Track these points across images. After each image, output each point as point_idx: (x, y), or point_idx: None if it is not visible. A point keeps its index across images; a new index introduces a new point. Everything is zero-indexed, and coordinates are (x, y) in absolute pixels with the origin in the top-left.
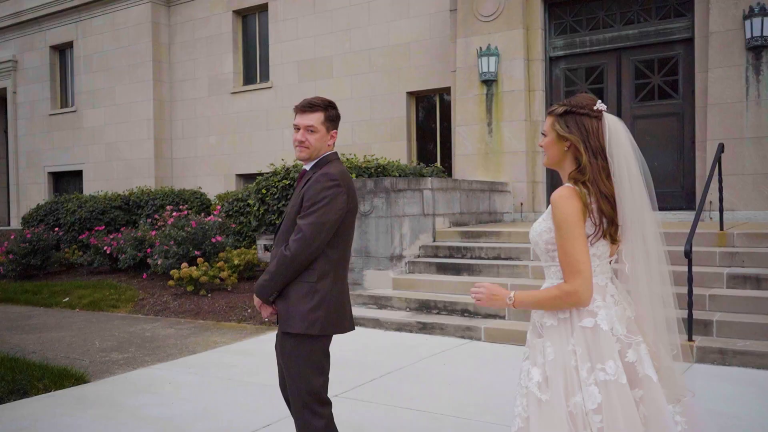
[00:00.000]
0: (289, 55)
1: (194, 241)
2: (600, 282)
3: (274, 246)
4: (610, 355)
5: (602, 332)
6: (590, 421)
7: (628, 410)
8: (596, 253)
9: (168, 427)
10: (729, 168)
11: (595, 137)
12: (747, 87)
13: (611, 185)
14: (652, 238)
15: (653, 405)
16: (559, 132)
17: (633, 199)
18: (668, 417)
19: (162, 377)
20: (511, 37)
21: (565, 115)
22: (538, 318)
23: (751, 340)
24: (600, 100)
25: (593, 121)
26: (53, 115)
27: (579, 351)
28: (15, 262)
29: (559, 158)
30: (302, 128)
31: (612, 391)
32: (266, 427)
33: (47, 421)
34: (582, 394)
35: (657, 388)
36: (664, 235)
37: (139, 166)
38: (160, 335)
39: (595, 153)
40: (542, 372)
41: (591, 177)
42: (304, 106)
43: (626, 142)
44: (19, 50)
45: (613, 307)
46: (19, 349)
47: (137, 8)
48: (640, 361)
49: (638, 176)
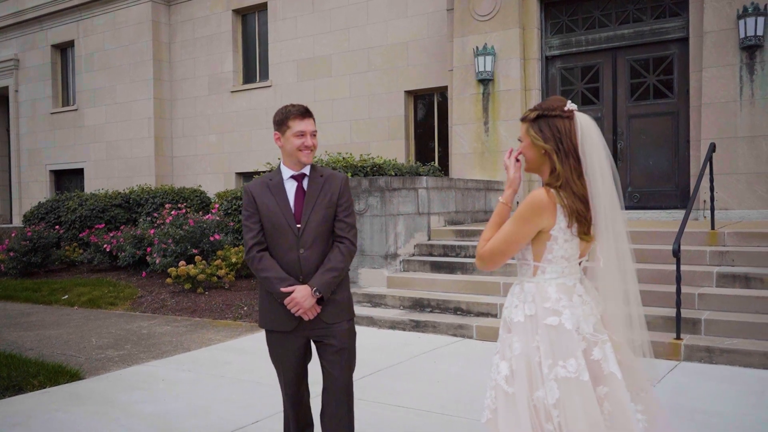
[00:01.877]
0: (288, 54)
1: (192, 240)
2: (568, 282)
3: (304, 247)
4: (572, 353)
5: (566, 331)
6: (552, 415)
7: (589, 407)
8: (565, 255)
9: (159, 423)
10: (723, 167)
11: (567, 138)
12: (741, 86)
13: (583, 185)
14: (622, 236)
15: (617, 401)
16: (534, 139)
17: (605, 196)
18: (631, 413)
19: (156, 374)
20: (508, 37)
21: (538, 119)
22: (507, 314)
23: (739, 338)
24: (570, 101)
25: (565, 121)
26: (55, 114)
27: (543, 347)
28: (16, 260)
29: (537, 163)
30: (309, 134)
31: (572, 387)
32: (255, 424)
33: (40, 417)
34: (544, 389)
35: (621, 385)
36: (657, 234)
37: (139, 164)
38: (156, 332)
39: (568, 154)
40: (510, 366)
41: (564, 180)
42: (304, 111)
43: (598, 140)
44: (20, 49)
45: (580, 307)
46: (17, 346)
47: (137, 7)
48: (605, 359)
49: (609, 174)
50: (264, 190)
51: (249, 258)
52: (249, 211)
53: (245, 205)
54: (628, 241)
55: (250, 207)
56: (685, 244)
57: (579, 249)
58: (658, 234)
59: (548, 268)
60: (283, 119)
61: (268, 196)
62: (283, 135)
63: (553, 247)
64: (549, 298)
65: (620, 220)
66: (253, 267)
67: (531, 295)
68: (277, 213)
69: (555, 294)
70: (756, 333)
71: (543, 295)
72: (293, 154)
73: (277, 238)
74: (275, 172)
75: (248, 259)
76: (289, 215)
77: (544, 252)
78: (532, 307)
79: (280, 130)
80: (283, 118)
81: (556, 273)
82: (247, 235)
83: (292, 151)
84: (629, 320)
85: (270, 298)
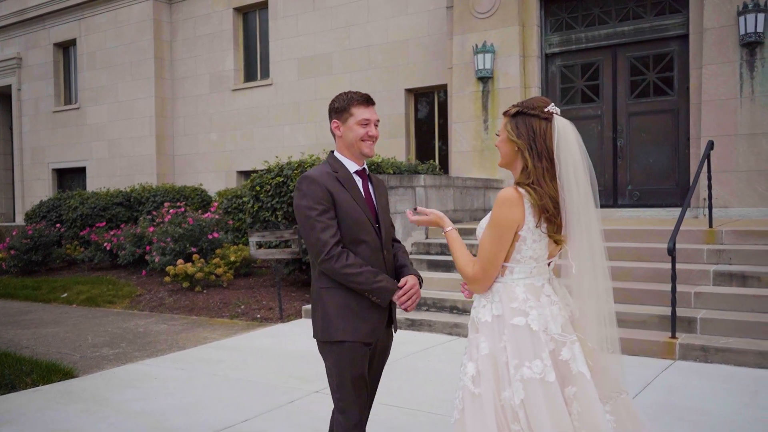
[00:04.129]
0: (289, 52)
1: (191, 238)
2: (536, 283)
3: (386, 249)
4: (538, 354)
5: (532, 332)
6: (519, 415)
7: (555, 407)
8: (533, 255)
9: (149, 421)
10: (723, 165)
11: (541, 139)
12: (741, 83)
13: (554, 187)
14: (596, 236)
15: (586, 402)
16: (509, 134)
17: (579, 201)
18: (600, 413)
19: (149, 372)
20: (507, 34)
21: (516, 116)
22: (475, 314)
23: (734, 337)
24: (553, 104)
25: (542, 122)
26: (57, 112)
27: (509, 348)
28: (17, 258)
29: (510, 158)
30: (373, 122)
31: (537, 388)
32: (244, 422)
33: (31, 414)
34: (511, 389)
35: (590, 384)
36: (654, 232)
37: (141, 162)
38: (153, 331)
39: (540, 155)
40: (476, 366)
41: (534, 179)
42: (369, 98)
43: (575, 145)
44: (23, 47)
45: (548, 307)
46: (13, 344)
47: (139, 5)
48: (573, 359)
49: (585, 180)
50: (335, 183)
51: (330, 256)
52: (324, 205)
53: (317, 199)
54: (601, 239)
55: (325, 201)
56: (682, 243)
57: (548, 249)
58: (655, 232)
59: (516, 268)
60: (345, 106)
61: (341, 189)
62: (344, 123)
63: (521, 248)
64: (516, 299)
65: (595, 221)
66: (336, 265)
67: (499, 295)
68: (358, 210)
69: (522, 294)
70: (752, 332)
71: (510, 295)
72: (355, 145)
73: (360, 236)
74: (334, 164)
75: (329, 257)
76: (371, 214)
77: (512, 252)
78: (500, 307)
79: (341, 117)
80: (345, 105)
81: (524, 273)
82: (324, 233)
83: (354, 142)
84: (601, 318)
85: (345, 303)
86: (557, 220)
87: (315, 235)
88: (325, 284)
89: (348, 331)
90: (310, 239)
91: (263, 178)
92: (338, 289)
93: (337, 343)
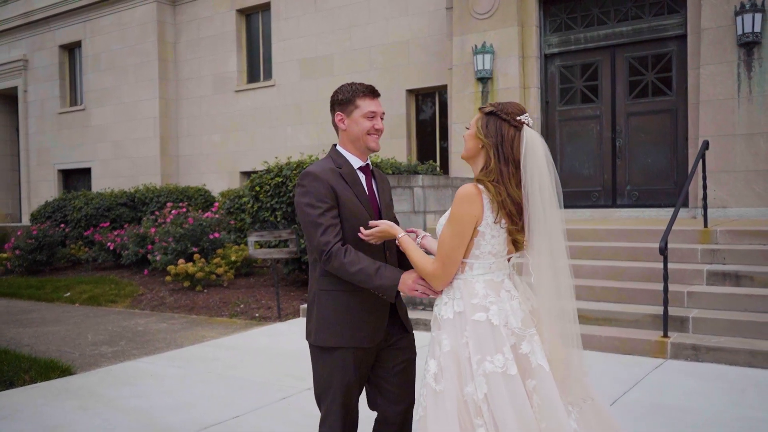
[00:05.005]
0: (291, 54)
1: (192, 238)
2: (496, 278)
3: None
4: (499, 348)
5: (493, 327)
6: (482, 409)
7: (518, 400)
8: (492, 251)
9: (142, 417)
10: (720, 165)
11: (509, 145)
12: (738, 83)
13: (519, 193)
14: (559, 237)
15: (545, 393)
16: (478, 132)
17: (544, 206)
18: (560, 405)
19: (145, 370)
20: (506, 35)
21: (489, 115)
22: (437, 311)
23: (726, 336)
24: (527, 113)
25: (512, 129)
26: (62, 114)
27: (471, 343)
28: (21, 258)
29: (473, 153)
30: (379, 115)
31: (499, 382)
32: (235, 419)
33: (27, 411)
34: (474, 384)
35: (549, 377)
36: (650, 232)
37: (145, 163)
38: (152, 330)
39: (507, 160)
40: (438, 364)
41: (499, 179)
42: (374, 90)
43: (542, 159)
44: (29, 50)
45: (508, 302)
46: (14, 342)
47: (143, 7)
48: (533, 352)
49: (551, 190)
50: (338, 180)
51: (330, 255)
52: (327, 203)
53: (320, 197)
54: (564, 239)
55: (328, 198)
56: (677, 242)
57: (507, 245)
58: (651, 232)
59: (476, 264)
60: (350, 98)
61: (345, 187)
62: (348, 116)
63: (480, 243)
64: (476, 294)
65: (558, 222)
66: (336, 263)
67: (459, 292)
68: (361, 209)
69: (482, 290)
70: (743, 331)
71: (471, 291)
72: (360, 139)
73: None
74: (338, 159)
75: (329, 256)
76: (374, 212)
77: (471, 248)
78: (461, 304)
79: (345, 110)
80: (350, 97)
81: (483, 269)
82: (326, 234)
83: (360, 135)
84: (562, 313)
85: (344, 307)
86: (519, 221)
87: (316, 235)
88: (326, 286)
89: (345, 337)
90: (312, 239)
91: (263, 179)
92: (339, 292)
93: (329, 349)
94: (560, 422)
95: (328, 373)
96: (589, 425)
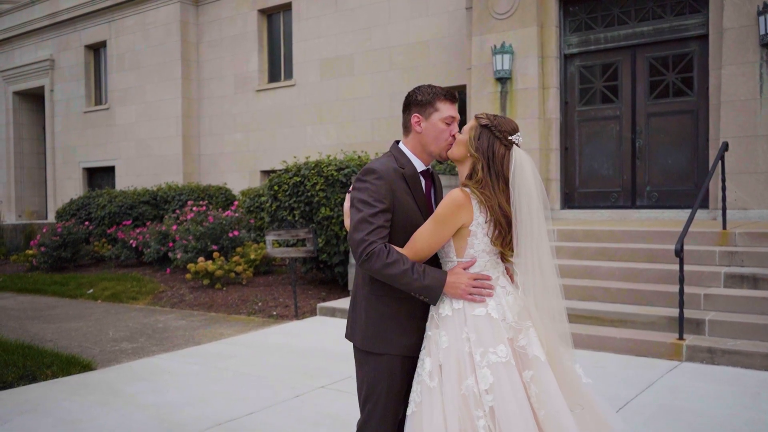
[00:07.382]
0: (311, 54)
1: (212, 236)
2: (492, 275)
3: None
4: (500, 340)
5: (492, 320)
6: (483, 401)
7: (518, 390)
8: (486, 249)
9: (157, 412)
10: (742, 166)
11: (499, 162)
12: (761, 84)
13: (509, 208)
14: (545, 245)
15: (543, 383)
16: (469, 141)
17: (531, 226)
18: (558, 393)
19: (163, 366)
20: (526, 35)
21: (484, 128)
22: (434, 310)
23: (743, 339)
24: (518, 133)
25: (502, 148)
26: (88, 113)
27: (473, 338)
28: (46, 255)
29: (461, 157)
30: (457, 121)
31: (502, 372)
32: (249, 416)
33: (48, 405)
34: (474, 377)
35: (545, 367)
36: (668, 234)
37: (167, 162)
38: (171, 326)
39: (498, 176)
40: (434, 361)
41: (489, 191)
42: (454, 95)
43: (530, 179)
44: (55, 50)
45: (503, 297)
46: (38, 338)
47: (166, 8)
48: (529, 344)
49: (539, 207)
50: (401, 182)
51: (373, 252)
52: (384, 204)
53: (378, 196)
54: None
55: (385, 199)
56: (694, 244)
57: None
58: (669, 233)
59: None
60: (430, 99)
61: (405, 189)
62: (426, 118)
63: (473, 242)
64: None
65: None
66: (380, 262)
67: None
68: (418, 216)
69: None
70: (760, 334)
71: None
72: (433, 143)
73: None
74: (401, 158)
75: (368, 256)
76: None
77: (465, 248)
78: (459, 301)
79: (424, 112)
80: (430, 99)
81: (478, 267)
82: (374, 234)
83: (433, 140)
84: (551, 313)
85: (392, 313)
86: (508, 236)
87: (362, 233)
88: (377, 292)
89: (394, 344)
90: (354, 238)
91: (281, 178)
92: (388, 297)
93: (375, 354)
94: (559, 409)
95: (373, 377)
96: (587, 428)
